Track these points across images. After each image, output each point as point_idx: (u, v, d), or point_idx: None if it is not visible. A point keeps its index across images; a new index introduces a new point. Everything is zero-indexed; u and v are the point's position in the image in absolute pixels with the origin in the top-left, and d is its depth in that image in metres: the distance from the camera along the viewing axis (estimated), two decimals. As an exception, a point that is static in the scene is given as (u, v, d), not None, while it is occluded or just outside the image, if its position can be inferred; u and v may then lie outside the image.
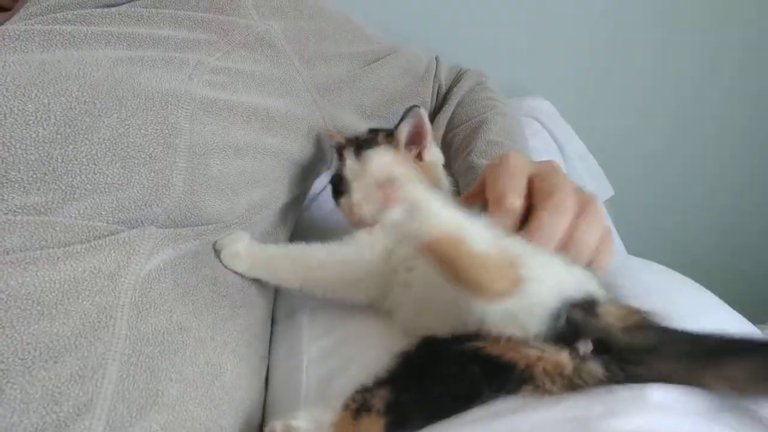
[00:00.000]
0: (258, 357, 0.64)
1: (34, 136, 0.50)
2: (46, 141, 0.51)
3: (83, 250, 0.49)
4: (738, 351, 0.41)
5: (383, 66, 0.89)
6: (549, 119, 1.27)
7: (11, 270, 0.45)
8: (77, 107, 0.53)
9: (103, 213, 0.53)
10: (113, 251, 0.51)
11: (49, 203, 0.50)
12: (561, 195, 0.53)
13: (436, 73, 0.95)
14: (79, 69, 0.55)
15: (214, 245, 0.63)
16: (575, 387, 0.43)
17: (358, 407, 0.45)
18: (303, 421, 0.45)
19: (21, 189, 0.49)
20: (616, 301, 0.47)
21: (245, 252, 0.64)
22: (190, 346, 0.54)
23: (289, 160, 0.76)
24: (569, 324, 0.44)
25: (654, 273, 0.64)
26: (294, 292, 0.66)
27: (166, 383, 0.50)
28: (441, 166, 0.72)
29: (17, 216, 0.49)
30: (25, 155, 0.50)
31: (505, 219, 0.54)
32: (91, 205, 0.52)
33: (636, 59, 1.46)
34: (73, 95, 0.53)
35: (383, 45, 0.91)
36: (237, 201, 0.66)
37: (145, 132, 0.56)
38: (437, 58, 0.99)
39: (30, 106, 0.51)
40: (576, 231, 0.52)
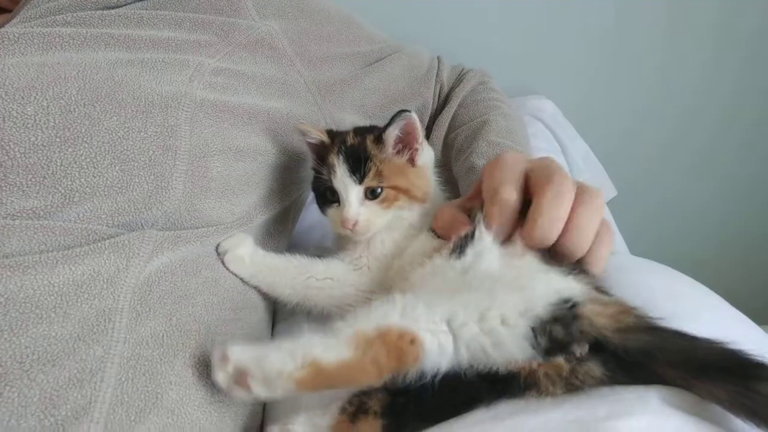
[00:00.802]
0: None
1: (33, 139, 0.50)
2: (45, 144, 0.51)
3: (82, 253, 0.49)
4: (722, 371, 0.40)
5: (385, 66, 0.88)
6: (552, 119, 1.27)
7: (10, 274, 0.45)
8: (76, 110, 0.53)
9: (103, 216, 0.53)
10: (112, 254, 0.51)
11: (48, 207, 0.50)
12: (558, 180, 0.52)
13: (438, 73, 0.95)
14: (79, 71, 0.55)
15: (217, 247, 0.63)
16: (576, 388, 0.43)
17: (355, 410, 0.45)
18: (301, 426, 0.45)
19: (20, 193, 0.49)
20: (600, 299, 0.47)
21: (249, 259, 0.64)
22: (189, 348, 0.54)
23: (290, 161, 0.75)
24: (553, 341, 0.43)
25: (657, 273, 0.63)
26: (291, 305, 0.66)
27: (165, 386, 0.50)
28: (432, 169, 0.70)
29: (16, 220, 0.48)
30: (24, 159, 0.50)
31: (501, 213, 0.54)
32: (91, 209, 0.52)
33: (639, 59, 1.45)
34: (73, 98, 0.53)
35: (385, 45, 0.91)
36: (237, 203, 0.65)
37: (145, 135, 0.56)
38: (439, 57, 0.98)
39: (29, 109, 0.51)
40: (574, 218, 0.51)
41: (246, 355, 0.45)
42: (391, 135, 0.64)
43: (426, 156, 0.69)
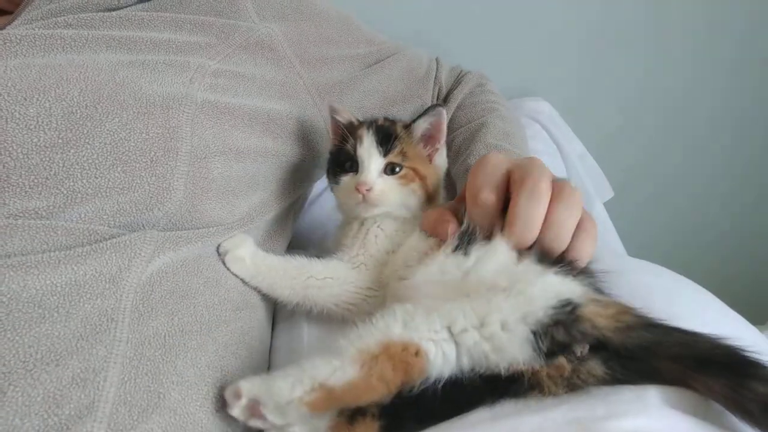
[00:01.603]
0: (259, 359, 0.64)
1: (35, 140, 0.50)
2: (47, 145, 0.51)
3: (85, 253, 0.50)
4: (720, 366, 0.41)
5: (384, 68, 0.89)
6: (549, 120, 1.27)
7: (13, 273, 0.45)
8: (78, 111, 0.53)
9: (105, 217, 0.53)
10: (114, 255, 0.51)
11: (51, 207, 0.50)
12: (534, 179, 0.53)
13: (436, 75, 0.96)
14: (81, 73, 0.55)
15: (218, 248, 0.64)
16: (577, 387, 0.43)
17: (352, 412, 0.45)
18: (299, 427, 0.45)
19: (23, 193, 0.49)
20: (598, 299, 0.47)
21: (250, 260, 0.65)
22: (191, 348, 0.54)
23: (290, 162, 0.76)
24: (555, 343, 0.44)
25: (654, 274, 0.63)
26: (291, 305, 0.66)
27: (167, 386, 0.50)
28: (443, 174, 0.72)
29: (19, 220, 0.49)
30: (27, 160, 0.50)
31: (482, 215, 0.55)
32: (93, 209, 0.52)
33: (636, 61, 1.46)
34: (75, 99, 0.53)
35: (384, 46, 0.91)
36: (238, 204, 0.66)
37: (147, 136, 0.56)
38: (438, 59, 0.99)
39: (31, 110, 0.51)
40: (552, 215, 0.52)
41: (256, 388, 0.46)
42: (421, 126, 0.67)
43: (442, 159, 0.71)
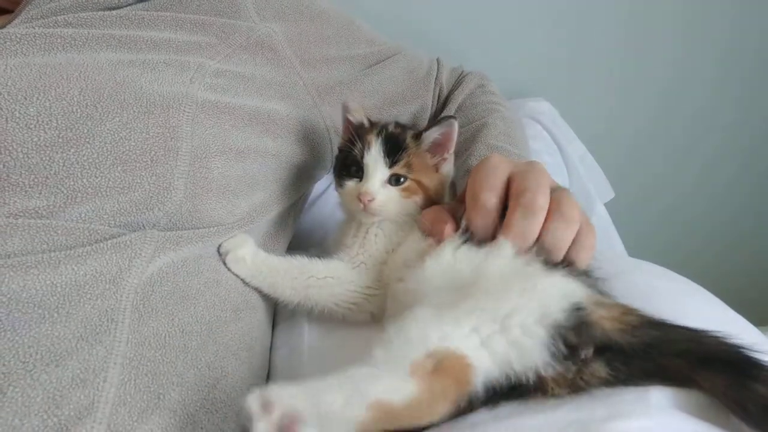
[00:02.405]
0: (259, 360, 0.64)
1: (35, 139, 0.50)
2: (47, 145, 0.51)
3: (85, 253, 0.49)
4: (725, 364, 0.41)
5: (384, 69, 0.89)
6: (550, 121, 1.27)
7: (13, 273, 0.45)
8: (78, 111, 0.53)
9: (105, 216, 0.53)
10: (115, 255, 0.51)
11: (51, 207, 0.50)
12: (531, 194, 0.53)
13: (437, 76, 0.95)
14: (81, 72, 0.55)
15: (219, 248, 0.64)
16: (581, 389, 0.43)
17: None
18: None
19: (23, 193, 0.49)
20: (603, 301, 0.47)
21: (251, 261, 0.65)
22: (191, 349, 0.54)
23: (290, 162, 0.76)
24: (568, 347, 0.43)
25: (655, 274, 0.63)
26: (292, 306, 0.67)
27: (167, 387, 0.50)
28: (448, 182, 0.72)
29: (19, 219, 0.48)
30: (27, 159, 0.50)
31: (481, 217, 0.55)
32: (93, 209, 0.52)
33: (637, 61, 1.46)
34: (75, 99, 0.53)
35: (385, 47, 0.91)
36: (238, 204, 0.66)
37: (147, 135, 0.56)
38: (439, 60, 0.99)
39: (31, 109, 0.51)
40: (548, 231, 0.53)
41: (298, 400, 0.39)
42: (431, 135, 0.67)
43: (449, 168, 0.71)
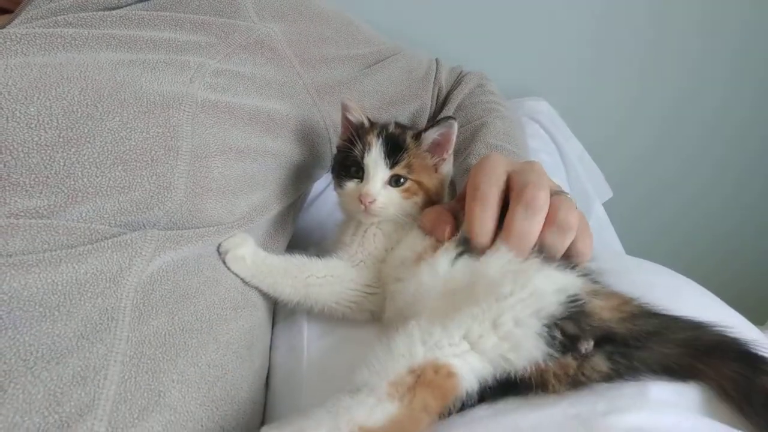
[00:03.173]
0: (259, 358, 0.64)
1: (36, 139, 0.51)
2: (48, 144, 0.51)
3: (85, 252, 0.50)
4: (727, 353, 0.42)
5: (383, 68, 0.89)
6: (548, 120, 1.27)
7: (14, 272, 0.45)
8: (79, 110, 0.53)
9: (105, 216, 0.53)
10: (115, 254, 0.51)
11: (52, 206, 0.50)
12: (532, 191, 0.53)
13: (436, 76, 0.96)
14: (81, 72, 0.55)
15: (218, 247, 0.64)
16: (581, 384, 0.43)
17: None
18: None
19: (23, 192, 0.49)
20: (600, 291, 0.48)
21: (250, 260, 0.65)
22: (191, 347, 0.54)
23: (290, 162, 0.76)
24: (566, 337, 0.44)
25: (654, 273, 0.64)
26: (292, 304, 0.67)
27: (167, 384, 0.50)
28: (448, 182, 0.72)
29: (20, 219, 0.49)
30: (27, 159, 0.50)
31: (482, 208, 0.55)
32: (94, 208, 0.52)
33: (635, 61, 1.46)
34: (75, 98, 0.53)
35: (384, 47, 0.91)
36: (238, 203, 0.66)
37: (147, 135, 0.56)
38: (438, 60, 0.99)
39: (32, 109, 0.51)
40: (546, 237, 0.53)
41: None
42: (431, 136, 0.67)
43: (448, 168, 0.72)
